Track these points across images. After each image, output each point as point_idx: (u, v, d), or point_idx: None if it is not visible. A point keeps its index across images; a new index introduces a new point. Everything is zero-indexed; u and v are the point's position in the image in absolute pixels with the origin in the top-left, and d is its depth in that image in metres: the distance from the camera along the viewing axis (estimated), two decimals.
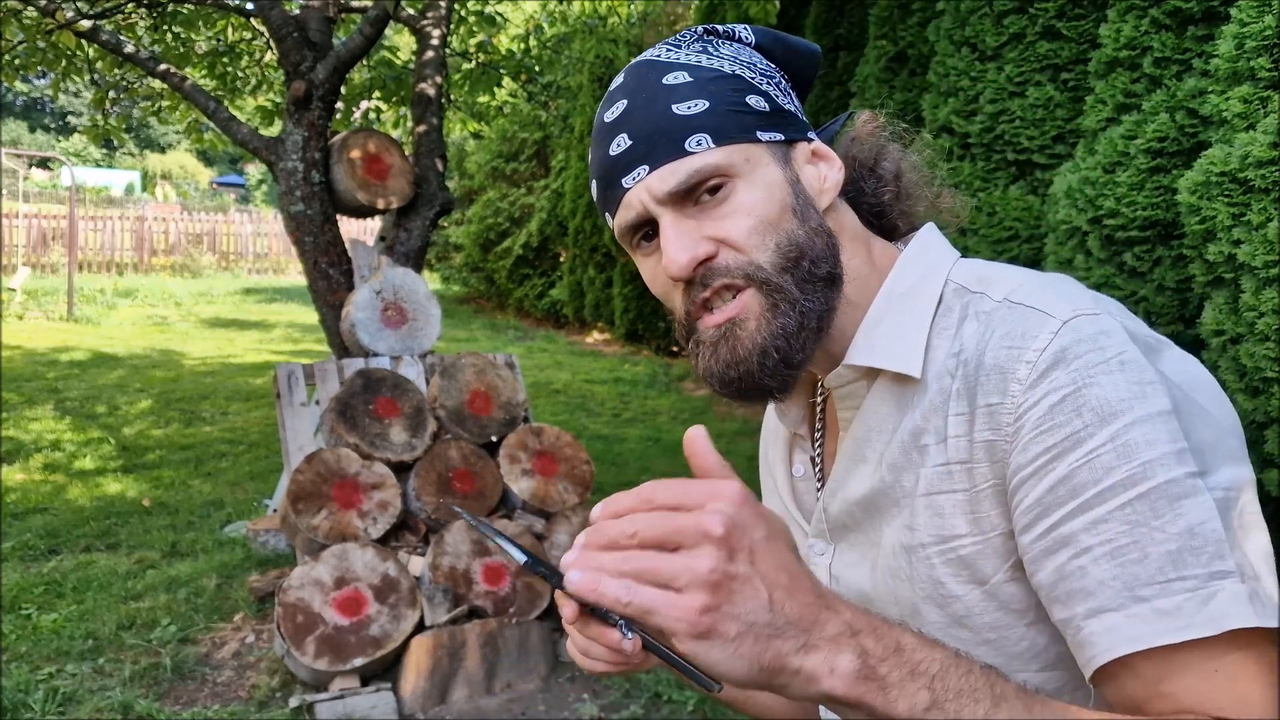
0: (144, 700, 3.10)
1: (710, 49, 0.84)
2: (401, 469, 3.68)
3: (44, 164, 30.93)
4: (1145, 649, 0.65)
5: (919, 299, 0.82)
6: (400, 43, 9.54)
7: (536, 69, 6.61)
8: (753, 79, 0.83)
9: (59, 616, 3.67)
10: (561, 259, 12.44)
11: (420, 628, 3.26)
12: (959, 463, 0.76)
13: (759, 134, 0.81)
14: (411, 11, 5.00)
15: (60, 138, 39.79)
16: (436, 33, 4.71)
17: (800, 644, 0.58)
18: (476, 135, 9.75)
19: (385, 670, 3.20)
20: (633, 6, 9.33)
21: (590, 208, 10.69)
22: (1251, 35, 1.99)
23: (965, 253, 1.07)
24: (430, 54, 4.68)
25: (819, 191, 0.84)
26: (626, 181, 0.81)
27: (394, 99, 6.38)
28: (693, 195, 0.80)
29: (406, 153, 4.58)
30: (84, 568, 4.16)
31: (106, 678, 3.25)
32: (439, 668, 3.21)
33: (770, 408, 0.99)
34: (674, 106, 0.80)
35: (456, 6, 5.73)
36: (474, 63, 6.27)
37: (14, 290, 12.74)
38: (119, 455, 5.90)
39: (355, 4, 5.16)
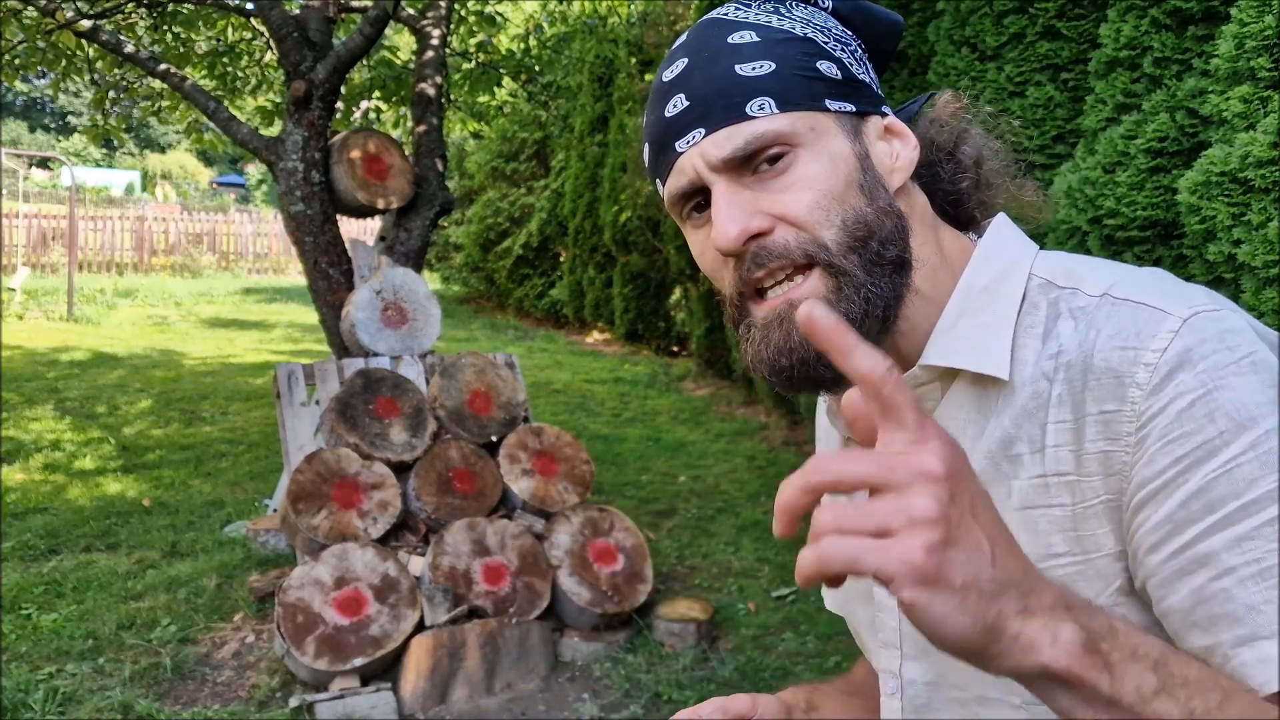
0: (144, 700, 3.10)
1: (783, 10, 0.77)
2: (401, 469, 3.68)
3: (44, 164, 30.93)
4: None
5: (1001, 295, 0.75)
6: (400, 43, 9.55)
7: (536, 69, 6.61)
8: (825, 44, 0.76)
9: (59, 616, 3.67)
10: (561, 259, 12.44)
11: (420, 628, 3.26)
12: (1058, 475, 0.69)
13: (828, 102, 0.74)
14: (411, 11, 5.01)
15: (60, 138, 39.80)
16: (436, 33, 4.72)
17: (1021, 606, 0.51)
18: (476, 135, 9.76)
19: (385, 670, 3.20)
20: (633, 6, 9.33)
21: (590, 207, 10.69)
22: (1251, 35, 1.99)
23: None
24: (430, 54, 4.68)
25: (890, 170, 0.77)
26: (680, 145, 0.75)
27: (394, 99, 6.38)
28: (751, 164, 0.73)
29: (406, 153, 4.58)
30: (84, 568, 4.16)
31: (106, 678, 3.25)
32: (439, 668, 3.21)
33: (820, 411, 0.92)
34: (737, 67, 0.73)
35: (456, 6, 5.73)
36: (474, 63, 6.27)
37: (14, 290, 12.74)
38: (119, 455, 5.90)
39: (355, 4, 5.16)
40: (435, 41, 4.70)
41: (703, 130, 0.73)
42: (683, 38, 0.79)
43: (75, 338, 10.49)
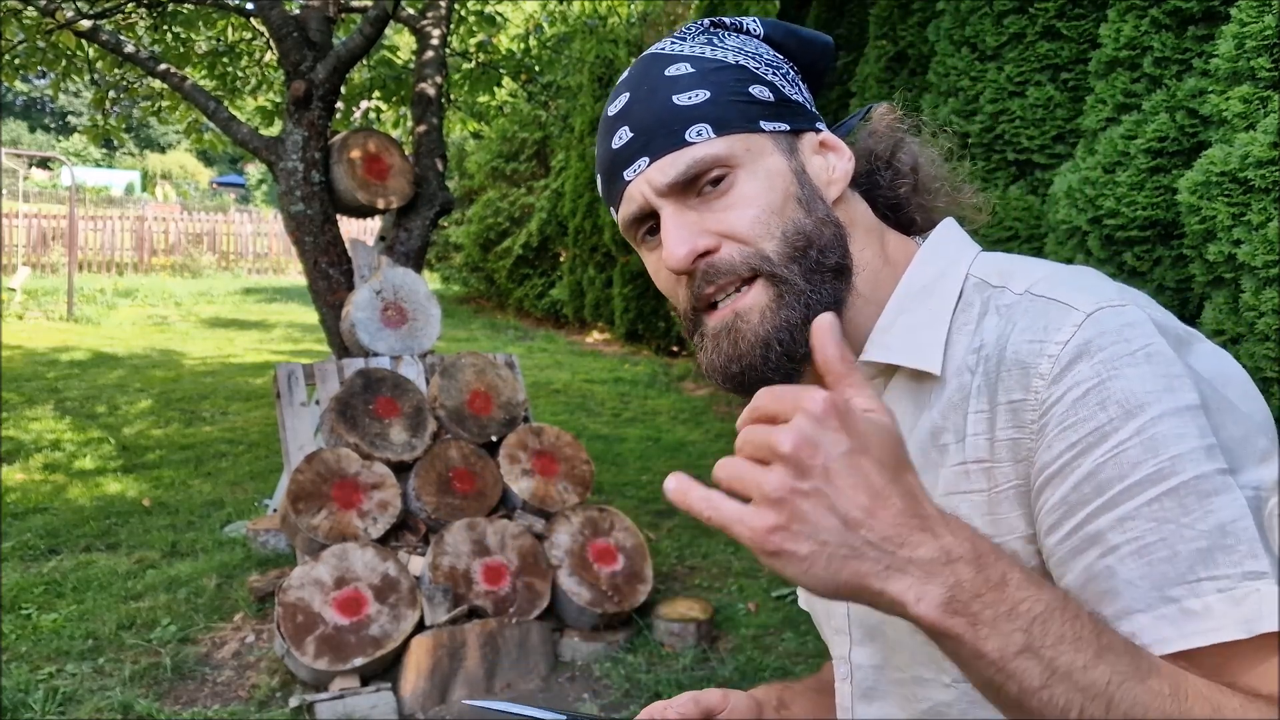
0: (144, 700, 3.10)
1: (715, 40, 0.83)
2: (401, 469, 3.68)
3: (44, 164, 30.93)
4: (1173, 652, 0.63)
5: (938, 294, 0.80)
6: (400, 43, 9.54)
7: (536, 69, 6.61)
8: (757, 69, 0.81)
9: (59, 616, 3.67)
10: (561, 259, 12.44)
11: (420, 628, 3.26)
12: (976, 462, 0.74)
13: (762, 124, 0.79)
14: (411, 11, 5.00)
15: (60, 138, 39.79)
16: (436, 33, 4.71)
17: (883, 565, 0.56)
18: (476, 135, 9.75)
19: (385, 670, 3.20)
20: (633, 6, 9.33)
21: (590, 207, 10.69)
22: (1251, 35, 1.99)
23: None
24: (430, 54, 4.68)
25: (827, 182, 0.82)
26: (628, 174, 0.80)
27: (394, 99, 6.38)
28: (694, 186, 0.78)
29: (406, 153, 4.58)
30: (84, 567, 4.16)
31: (106, 677, 3.25)
32: (439, 667, 3.21)
33: None
34: (675, 97, 0.78)
35: (456, 6, 5.73)
36: (474, 63, 6.27)
37: (14, 290, 12.74)
38: (119, 455, 5.90)
39: (355, 4, 5.16)
40: (435, 41, 4.70)
41: (647, 159, 0.79)
42: (625, 74, 0.85)
43: (75, 338, 10.49)
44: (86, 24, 4.64)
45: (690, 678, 3.34)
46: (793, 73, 0.85)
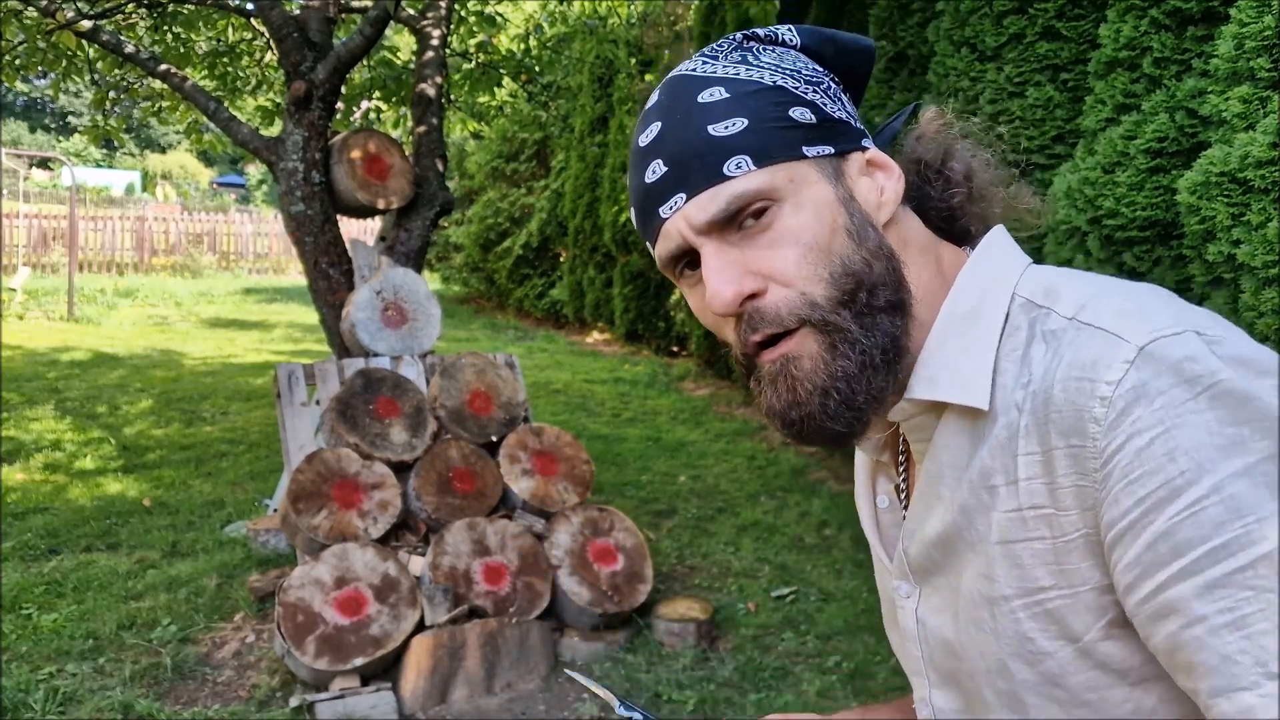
0: (144, 700, 3.10)
1: (750, 58, 0.77)
2: (402, 469, 3.68)
3: (44, 164, 30.93)
4: None
5: (982, 318, 0.74)
6: (400, 43, 9.55)
7: (536, 69, 6.62)
8: (797, 89, 0.75)
9: (59, 616, 3.67)
10: (561, 259, 12.44)
11: (420, 627, 3.26)
12: (1034, 508, 0.68)
13: (805, 150, 0.74)
14: (411, 11, 5.01)
15: (60, 138, 39.79)
16: (436, 33, 4.72)
17: None
18: (476, 135, 9.75)
19: (385, 670, 3.21)
20: (633, 7, 9.33)
21: (590, 207, 10.69)
22: (1251, 35, 1.99)
23: None
24: (430, 54, 4.68)
25: (876, 205, 0.76)
26: (664, 211, 0.75)
27: (394, 99, 6.38)
28: (735, 222, 0.73)
29: (406, 153, 4.59)
30: (84, 567, 4.16)
31: (107, 677, 3.25)
32: (439, 667, 3.21)
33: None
34: (710, 127, 0.73)
35: (456, 6, 5.73)
36: (474, 63, 6.27)
37: (14, 290, 12.74)
38: (119, 455, 5.90)
39: (355, 4, 5.16)
40: (435, 42, 4.70)
41: (684, 195, 0.74)
42: (653, 97, 0.79)
43: (75, 338, 10.49)
44: (87, 24, 4.64)
45: (690, 677, 3.34)
46: (834, 85, 0.79)
